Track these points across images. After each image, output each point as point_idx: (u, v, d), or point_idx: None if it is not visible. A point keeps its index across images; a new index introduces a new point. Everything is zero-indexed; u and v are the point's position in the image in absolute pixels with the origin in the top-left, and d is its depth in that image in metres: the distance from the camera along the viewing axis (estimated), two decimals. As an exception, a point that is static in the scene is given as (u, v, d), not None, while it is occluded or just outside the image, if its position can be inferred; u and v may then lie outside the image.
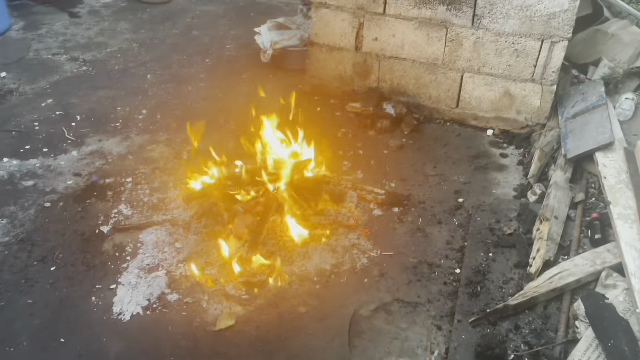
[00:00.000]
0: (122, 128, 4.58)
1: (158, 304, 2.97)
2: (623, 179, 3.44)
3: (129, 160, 4.17)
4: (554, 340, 2.64)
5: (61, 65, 5.61)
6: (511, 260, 3.16)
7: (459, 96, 4.64)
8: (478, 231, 3.40)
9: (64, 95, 5.03)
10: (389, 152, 4.34)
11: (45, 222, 3.52)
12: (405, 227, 3.54)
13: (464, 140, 4.51)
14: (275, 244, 3.34)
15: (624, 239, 2.98)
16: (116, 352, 2.70)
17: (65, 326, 2.84)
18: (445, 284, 3.10)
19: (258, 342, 2.76)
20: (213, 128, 4.58)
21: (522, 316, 2.80)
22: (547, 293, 2.85)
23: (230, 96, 5.10)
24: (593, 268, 2.93)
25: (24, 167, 4.03)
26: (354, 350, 2.73)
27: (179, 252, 3.30)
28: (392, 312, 2.95)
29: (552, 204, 3.40)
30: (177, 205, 3.68)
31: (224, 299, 3.01)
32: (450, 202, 3.76)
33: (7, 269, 3.16)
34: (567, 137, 3.99)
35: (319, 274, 3.18)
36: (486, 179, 4.01)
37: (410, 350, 2.73)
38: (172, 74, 5.51)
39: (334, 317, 2.90)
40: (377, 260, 3.28)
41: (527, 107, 4.44)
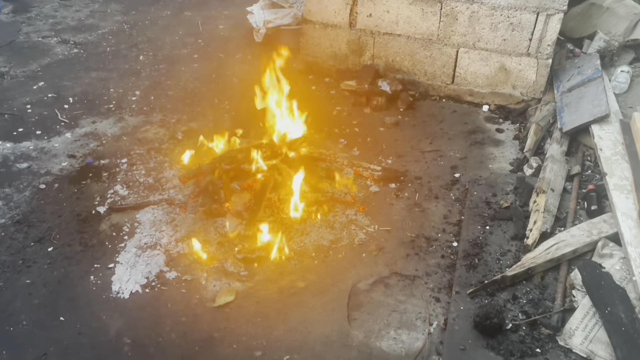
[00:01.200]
0: (116, 109, 4.54)
1: (157, 281, 2.97)
2: (619, 151, 3.45)
3: (123, 141, 4.14)
4: (552, 310, 2.66)
5: (52, 48, 5.55)
6: (508, 233, 3.17)
7: (455, 72, 4.62)
8: (475, 205, 3.41)
9: (56, 78, 4.98)
10: (385, 129, 4.32)
11: (41, 203, 3.50)
12: (402, 202, 3.54)
13: (460, 116, 4.51)
14: (273, 221, 3.33)
15: (620, 209, 3.00)
16: (116, 329, 2.71)
17: (64, 305, 2.84)
18: (443, 257, 3.12)
19: (257, 317, 2.77)
20: (208, 108, 4.56)
21: (519, 287, 2.82)
22: (544, 264, 2.86)
23: (224, 76, 5.06)
24: (589, 238, 2.94)
25: (17, 150, 4.00)
26: (353, 323, 2.74)
27: (176, 231, 3.29)
28: (391, 285, 2.96)
29: (548, 177, 3.40)
30: (173, 184, 3.67)
31: (222, 275, 3.01)
32: (446, 177, 3.76)
33: (5, 250, 3.15)
34: (562, 111, 3.98)
35: (317, 249, 3.18)
36: (482, 154, 4.01)
37: (409, 322, 2.74)
38: (164, 55, 5.45)
39: (333, 291, 2.92)
40: (374, 236, 3.28)
41: (522, 82, 4.43)
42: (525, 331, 2.58)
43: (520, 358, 2.46)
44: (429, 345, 2.61)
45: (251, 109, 3.93)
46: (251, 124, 4.22)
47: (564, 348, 2.49)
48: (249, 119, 4.24)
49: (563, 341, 2.51)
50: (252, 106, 3.87)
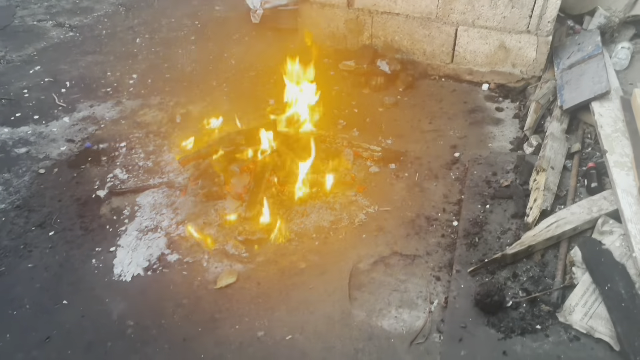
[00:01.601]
0: (114, 93, 4.52)
1: (158, 264, 2.98)
2: (619, 128, 3.43)
3: (121, 125, 4.12)
4: (552, 287, 2.67)
5: (47, 31, 5.49)
6: (508, 211, 3.18)
7: (454, 51, 4.58)
8: (475, 184, 3.41)
9: (52, 62, 4.94)
10: (384, 110, 4.30)
11: (41, 188, 3.50)
12: (402, 182, 3.54)
13: (459, 95, 4.48)
14: (273, 203, 3.33)
15: (620, 186, 2.99)
16: (119, 311, 2.73)
17: (66, 289, 2.86)
18: (443, 236, 3.12)
19: (259, 298, 2.79)
20: (206, 90, 4.53)
21: (519, 264, 2.83)
22: (544, 241, 2.87)
23: (222, 58, 5.02)
24: (589, 216, 2.94)
25: (15, 135, 3.98)
26: (354, 302, 2.76)
27: (177, 214, 3.29)
28: (391, 265, 2.97)
29: (548, 155, 3.39)
30: (172, 168, 3.66)
31: (224, 257, 3.02)
32: (446, 157, 3.75)
33: (6, 235, 3.16)
34: (563, 88, 3.95)
35: (317, 230, 3.19)
36: (482, 133, 4.00)
37: (410, 301, 2.76)
38: (161, 38, 5.40)
39: (334, 271, 2.93)
40: (375, 216, 3.28)
41: (522, 60, 4.39)
42: (526, 308, 2.60)
43: (520, 335, 2.48)
44: (430, 324, 2.63)
45: (250, 91, 3.90)
46: (250, 106, 4.20)
47: (564, 324, 2.51)
48: (247, 101, 4.22)
49: (563, 318, 2.53)
50: (251, 88, 3.84)
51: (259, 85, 4.55)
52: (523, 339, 2.47)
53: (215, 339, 2.59)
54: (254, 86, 4.53)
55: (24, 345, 2.58)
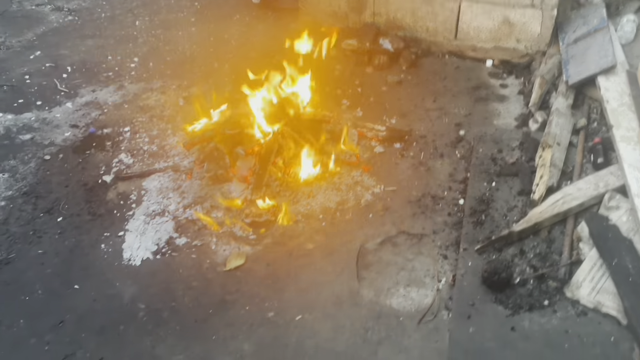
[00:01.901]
0: (115, 77, 4.49)
1: (167, 248, 3.01)
2: (625, 102, 3.41)
3: (125, 109, 4.11)
4: (559, 263, 2.69)
5: (46, 15, 5.44)
6: (514, 189, 3.18)
7: (457, 27, 4.52)
8: (480, 162, 3.40)
9: (52, 47, 4.91)
10: (387, 89, 4.27)
11: (47, 174, 3.51)
12: (407, 162, 3.54)
13: (463, 72, 4.44)
14: (279, 185, 3.34)
15: (627, 160, 2.99)
16: (130, 295, 2.76)
17: (77, 273, 2.88)
18: (450, 215, 3.13)
19: (268, 279, 2.81)
20: (208, 73, 4.51)
21: (526, 241, 2.85)
22: (551, 218, 2.88)
23: (223, 39, 4.97)
24: (596, 191, 2.95)
25: (19, 121, 3.98)
26: (362, 282, 2.78)
27: (183, 197, 3.30)
28: (398, 244, 2.99)
29: (554, 131, 3.38)
30: (177, 151, 3.66)
31: (232, 240, 3.04)
32: (451, 135, 3.74)
33: (14, 221, 3.18)
34: (568, 63, 3.92)
35: (324, 211, 3.20)
36: (487, 110, 3.97)
37: (417, 280, 2.78)
38: (161, 20, 5.35)
39: (342, 251, 2.95)
40: (381, 196, 3.29)
41: (527, 35, 4.34)
42: (533, 285, 2.62)
43: (528, 311, 2.51)
44: (438, 302, 2.66)
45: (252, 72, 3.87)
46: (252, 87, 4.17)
47: (572, 300, 2.54)
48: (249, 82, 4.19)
49: (570, 293, 2.55)
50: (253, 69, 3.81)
51: (261, 66, 4.49)
52: (531, 315, 2.49)
53: (226, 320, 2.63)
54: (256, 67, 4.49)
55: (38, 330, 2.62)
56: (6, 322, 2.66)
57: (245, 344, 2.52)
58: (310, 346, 2.49)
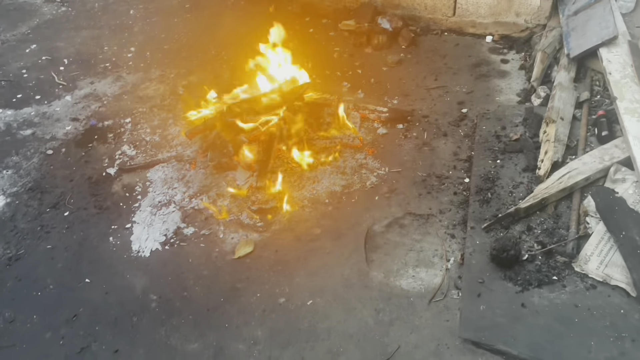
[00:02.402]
0: (113, 68, 4.46)
1: (175, 238, 3.02)
2: (628, 73, 3.39)
3: (124, 100, 4.09)
4: (566, 238, 2.70)
5: (39, 8, 5.38)
6: (519, 165, 3.17)
7: (456, 3, 4.48)
8: (484, 140, 3.40)
9: (48, 39, 4.86)
10: (388, 69, 4.24)
11: (51, 169, 3.51)
12: (411, 142, 3.53)
13: (463, 49, 4.41)
14: (283, 171, 3.34)
15: (631, 132, 2.98)
16: (142, 286, 2.78)
17: (87, 267, 2.90)
18: (456, 194, 3.13)
19: (278, 265, 2.83)
20: (206, 60, 4.47)
21: (533, 218, 2.85)
22: (557, 193, 2.88)
23: (219, 26, 4.92)
24: (602, 165, 2.94)
25: (19, 117, 3.96)
26: (371, 264, 2.80)
27: (189, 187, 3.30)
28: (406, 225, 3.00)
29: (557, 106, 3.36)
30: (180, 141, 3.65)
31: (239, 228, 3.05)
32: (454, 114, 3.72)
33: (21, 217, 3.19)
34: (569, 36, 3.88)
35: (330, 196, 3.20)
36: (489, 87, 3.95)
37: (426, 260, 2.80)
38: (155, 7, 5.29)
39: (349, 235, 2.96)
40: (386, 178, 3.29)
41: (526, 8, 4.29)
42: (542, 260, 2.63)
43: (537, 287, 2.52)
44: (448, 281, 2.67)
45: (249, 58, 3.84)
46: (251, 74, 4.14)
47: (580, 274, 2.55)
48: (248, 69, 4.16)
49: (579, 267, 2.56)
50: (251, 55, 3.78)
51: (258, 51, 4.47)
52: (540, 290, 2.51)
53: (237, 307, 2.65)
54: (254, 53, 4.45)
55: (52, 324, 2.64)
56: (21, 318, 2.68)
57: (258, 330, 2.55)
58: (323, 329, 2.52)
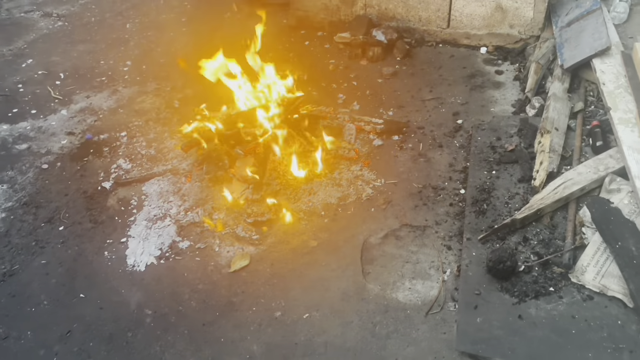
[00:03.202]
0: (109, 82, 4.47)
1: (170, 252, 3.00)
2: (622, 84, 3.40)
3: (120, 114, 4.09)
4: (563, 248, 2.69)
5: (35, 22, 5.40)
6: (515, 176, 3.18)
7: (450, 15, 4.51)
8: (480, 150, 3.40)
9: (44, 54, 4.87)
10: (383, 81, 4.26)
11: (46, 183, 3.50)
12: (406, 154, 3.53)
13: (458, 60, 4.43)
14: (279, 183, 3.34)
15: (626, 143, 2.99)
16: (136, 301, 2.76)
17: (82, 282, 2.88)
18: (452, 205, 3.13)
19: (274, 279, 2.82)
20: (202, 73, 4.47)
21: (529, 228, 2.85)
22: (553, 204, 2.88)
23: (215, 39, 4.93)
24: (596, 175, 2.95)
25: (15, 131, 3.96)
26: (367, 276, 2.79)
27: (184, 200, 3.29)
28: (402, 237, 2.99)
29: (551, 116, 3.38)
30: (175, 154, 3.65)
31: (235, 241, 3.04)
32: (449, 125, 3.73)
33: (16, 232, 3.17)
34: (562, 47, 3.91)
35: (326, 208, 3.20)
36: (483, 97, 3.97)
37: (422, 272, 2.78)
38: (151, 21, 5.32)
39: (346, 247, 2.95)
40: (381, 189, 3.29)
41: (520, 20, 4.33)
42: (538, 271, 2.62)
43: (534, 298, 2.51)
44: (444, 293, 2.66)
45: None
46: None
47: (577, 285, 2.54)
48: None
49: (576, 278, 2.56)
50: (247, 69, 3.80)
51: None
52: (537, 301, 2.50)
53: (233, 322, 2.63)
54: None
55: (46, 341, 2.61)
56: (14, 334, 2.66)
57: (254, 344, 2.53)
58: (320, 343, 2.50)
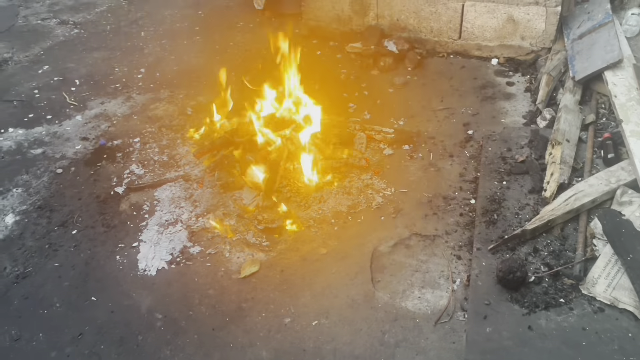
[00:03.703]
0: (123, 88, 4.53)
1: (181, 257, 3.03)
2: (634, 96, 3.40)
3: (133, 120, 4.15)
4: (573, 260, 2.69)
5: (52, 29, 5.50)
6: (525, 187, 3.18)
7: (461, 27, 4.54)
8: (490, 161, 3.41)
9: (60, 60, 4.95)
10: (394, 90, 4.29)
11: (60, 187, 3.54)
12: (417, 163, 3.55)
13: (469, 71, 4.45)
14: (290, 191, 3.36)
15: (637, 155, 2.98)
16: (147, 305, 2.78)
17: (94, 285, 2.91)
18: (462, 215, 3.13)
19: (283, 285, 2.83)
20: (214, 81, 4.51)
21: (540, 239, 2.85)
22: (564, 215, 2.88)
23: (228, 47, 5.01)
24: (608, 187, 2.94)
25: (30, 136, 4.02)
26: (377, 285, 2.79)
27: (196, 206, 3.33)
28: (411, 246, 2.99)
29: (563, 128, 3.38)
30: (187, 160, 3.69)
31: (245, 247, 3.06)
32: (460, 135, 3.75)
33: (30, 235, 3.21)
34: (574, 59, 3.92)
35: (336, 216, 3.21)
36: (494, 108, 3.98)
37: (432, 281, 2.79)
38: (165, 30, 5.39)
39: (355, 255, 2.96)
40: (392, 198, 3.30)
41: (531, 32, 4.34)
42: (549, 283, 2.62)
43: (544, 309, 2.50)
44: (454, 302, 2.66)
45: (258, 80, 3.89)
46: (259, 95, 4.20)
47: (588, 297, 2.53)
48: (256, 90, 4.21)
49: (586, 290, 2.55)
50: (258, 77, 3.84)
51: (265, 73, 4.53)
52: (547, 313, 2.49)
53: (243, 327, 2.64)
54: (262, 74, 4.52)
55: (58, 343, 2.64)
56: (26, 336, 2.69)
57: (263, 350, 2.54)
58: (329, 351, 2.50)
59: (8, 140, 3.99)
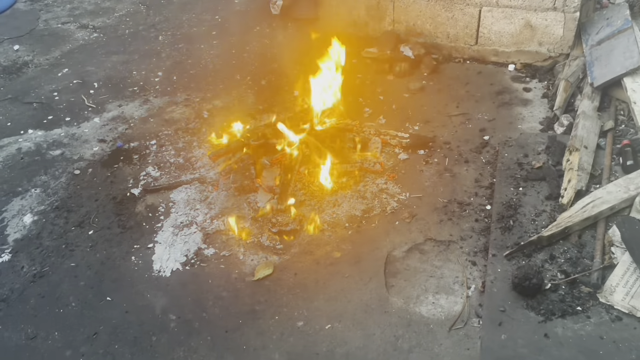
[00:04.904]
0: (140, 92, 4.58)
1: (196, 259, 3.04)
2: (654, 103, 3.36)
3: (150, 123, 4.19)
4: (591, 268, 2.65)
5: (72, 33, 5.58)
6: (542, 193, 3.14)
7: (478, 32, 4.51)
8: (506, 167, 3.38)
9: (79, 64, 5.03)
10: (410, 95, 4.28)
11: (77, 188, 3.59)
12: (432, 168, 3.53)
13: (486, 77, 4.42)
14: (304, 194, 3.36)
15: (657, 162, 2.94)
16: (161, 306, 2.80)
17: (109, 285, 2.94)
18: (477, 221, 3.11)
19: (297, 289, 2.83)
20: (230, 85, 4.57)
21: (556, 246, 2.81)
22: (581, 222, 2.84)
23: (244, 52, 5.04)
24: (627, 194, 2.90)
25: (49, 137, 4.08)
26: (391, 290, 2.78)
27: (210, 209, 3.34)
28: (426, 251, 2.98)
29: (580, 134, 3.34)
30: (203, 163, 3.71)
31: (259, 250, 3.06)
32: (476, 141, 3.72)
33: (47, 235, 3.25)
34: (592, 65, 3.88)
35: (350, 220, 3.21)
36: (511, 114, 3.95)
37: (446, 287, 2.77)
38: (183, 34, 5.44)
39: (369, 259, 2.95)
40: (406, 203, 3.29)
41: (549, 38, 4.31)
42: (565, 290, 2.58)
43: (561, 317, 2.47)
44: (468, 309, 2.64)
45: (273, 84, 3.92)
46: (274, 99, 4.22)
47: (605, 305, 2.49)
48: (271, 94, 4.25)
49: (604, 298, 2.51)
50: (275, 81, 3.86)
51: (282, 77, 4.56)
52: (564, 321, 2.46)
53: (256, 330, 2.65)
54: (278, 78, 4.55)
55: (73, 342, 2.67)
56: (42, 334, 2.72)
57: (276, 353, 2.54)
58: (341, 355, 2.49)
59: (28, 141, 4.05)
